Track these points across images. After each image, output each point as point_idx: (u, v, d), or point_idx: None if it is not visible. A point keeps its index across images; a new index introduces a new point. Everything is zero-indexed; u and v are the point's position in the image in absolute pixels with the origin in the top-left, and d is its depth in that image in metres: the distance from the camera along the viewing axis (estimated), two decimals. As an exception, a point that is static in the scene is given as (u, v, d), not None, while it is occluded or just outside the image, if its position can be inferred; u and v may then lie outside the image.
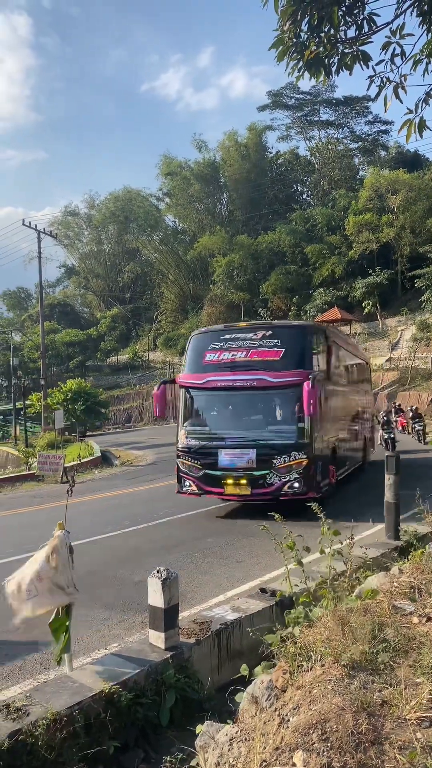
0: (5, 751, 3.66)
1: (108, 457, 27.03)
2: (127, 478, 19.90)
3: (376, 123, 62.77)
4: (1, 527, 12.82)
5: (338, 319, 44.47)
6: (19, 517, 13.75)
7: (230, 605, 6.14)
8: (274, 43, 5.83)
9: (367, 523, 9.69)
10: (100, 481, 19.70)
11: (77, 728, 4.03)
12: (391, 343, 42.78)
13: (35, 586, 4.55)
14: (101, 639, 5.91)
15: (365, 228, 46.71)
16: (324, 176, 61.84)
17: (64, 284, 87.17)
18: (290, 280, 51.95)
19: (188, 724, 4.47)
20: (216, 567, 8.30)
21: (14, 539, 10.30)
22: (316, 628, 3.80)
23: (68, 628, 4.67)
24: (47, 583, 4.57)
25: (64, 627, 4.63)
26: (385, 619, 3.80)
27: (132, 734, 4.43)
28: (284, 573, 5.64)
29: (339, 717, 2.66)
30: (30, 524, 12.22)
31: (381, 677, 3.05)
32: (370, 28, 5.87)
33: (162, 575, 5.01)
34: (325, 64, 5.97)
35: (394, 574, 5.17)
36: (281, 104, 64.32)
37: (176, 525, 11.30)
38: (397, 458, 8.89)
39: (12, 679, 5.12)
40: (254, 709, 3.21)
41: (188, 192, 65.29)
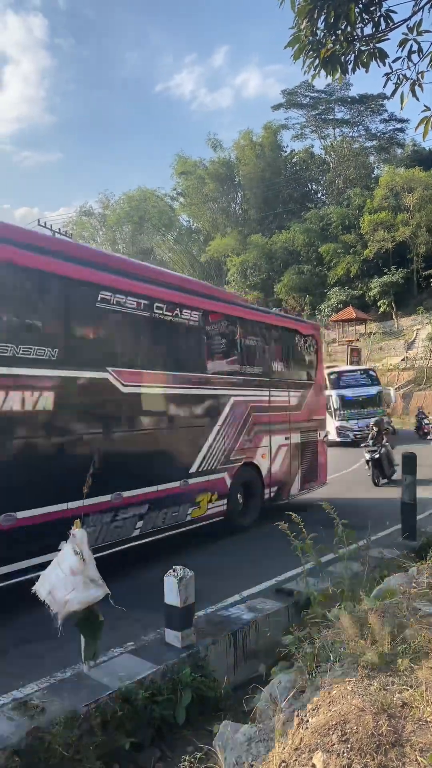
0: (23, 748, 3.68)
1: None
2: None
3: (391, 121, 62.30)
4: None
5: (353, 318, 44.29)
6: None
7: (246, 605, 6.13)
8: (291, 42, 5.81)
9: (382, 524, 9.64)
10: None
11: (94, 726, 4.05)
12: (407, 342, 42.49)
13: (71, 581, 4.59)
14: (117, 638, 5.92)
15: (380, 227, 46.43)
16: (339, 175, 61.51)
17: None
18: (304, 280, 51.76)
19: (204, 723, 4.48)
20: (231, 566, 8.29)
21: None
22: (334, 628, 3.78)
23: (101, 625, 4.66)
24: (81, 577, 4.61)
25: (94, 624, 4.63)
26: (404, 620, 3.77)
27: (148, 733, 4.44)
28: (300, 573, 5.62)
29: (359, 718, 2.64)
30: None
31: (401, 679, 3.03)
32: (387, 25, 5.83)
33: (178, 574, 5.02)
34: (341, 61, 5.94)
35: (413, 575, 5.14)
36: (296, 103, 64.05)
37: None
38: (413, 458, 8.83)
39: (29, 676, 5.14)
40: (272, 710, 3.20)
41: (202, 191, 65.28)
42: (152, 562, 8.66)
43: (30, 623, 6.35)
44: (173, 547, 9.52)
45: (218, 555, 8.88)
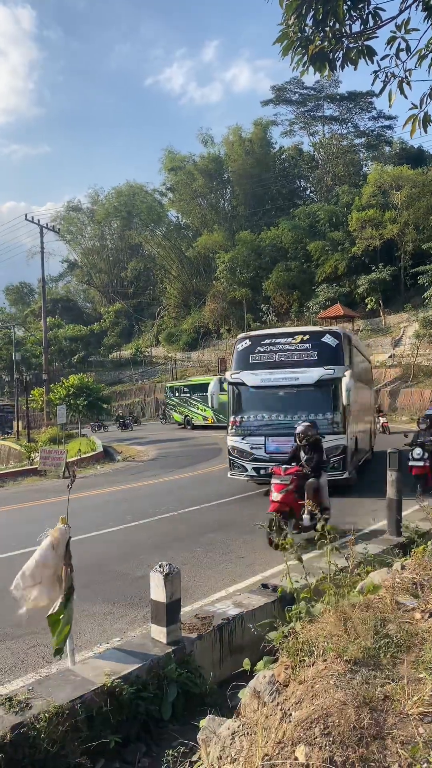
0: (8, 744, 3.68)
1: (110, 453, 27.07)
2: (129, 474, 19.93)
3: (380, 118, 62.52)
4: (4, 522, 12.85)
5: (341, 315, 44.41)
6: (21, 512, 13.79)
7: (232, 600, 6.16)
8: (279, 38, 5.80)
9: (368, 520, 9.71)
10: (102, 477, 19.73)
11: (79, 722, 4.05)
12: (394, 339, 42.70)
13: (40, 573, 4.63)
14: (103, 633, 5.93)
15: (368, 224, 46.56)
16: (327, 172, 61.61)
17: (66, 279, 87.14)
18: (293, 277, 51.82)
19: (190, 718, 4.49)
20: (218, 562, 8.32)
21: (17, 534, 10.33)
22: (318, 623, 3.80)
23: (68, 620, 4.68)
24: (51, 571, 4.64)
25: (60, 620, 4.64)
26: (388, 614, 3.81)
27: (134, 728, 4.45)
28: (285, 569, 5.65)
29: (341, 712, 2.66)
30: (32, 519, 12.24)
31: (383, 673, 3.05)
32: (375, 22, 5.84)
33: (164, 570, 5.02)
34: (329, 58, 5.95)
35: (397, 570, 5.18)
36: (285, 99, 64.05)
37: (178, 520, 11.32)
38: (399, 455, 8.90)
39: (14, 672, 5.14)
40: (256, 704, 3.22)
41: (191, 187, 65.14)
42: (137, 556, 8.68)
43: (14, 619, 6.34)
44: (159, 543, 9.54)
45: (204, 551, 8.90)
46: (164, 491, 15.36)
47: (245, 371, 13.85)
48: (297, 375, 13.17)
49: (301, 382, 13.13)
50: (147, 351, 65.23)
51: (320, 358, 13.25)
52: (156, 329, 67.77)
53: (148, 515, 11.74)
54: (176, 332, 62.46)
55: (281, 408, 13.48)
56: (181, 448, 26.92)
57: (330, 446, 12.05)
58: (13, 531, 11.10)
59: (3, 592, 7.14)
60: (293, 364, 13.46)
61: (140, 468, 21.32)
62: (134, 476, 19.05)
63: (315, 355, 13.33)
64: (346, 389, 12.45)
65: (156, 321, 68.79)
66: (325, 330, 14.22)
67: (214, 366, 48.54)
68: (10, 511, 14.00)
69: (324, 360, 13.14)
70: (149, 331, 69.17)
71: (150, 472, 19.54)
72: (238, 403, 14.07)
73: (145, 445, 28.96)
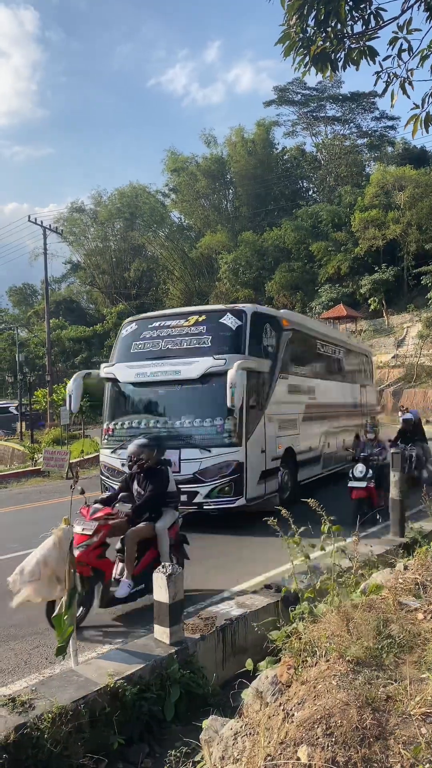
0: (11, 745, 3.68)
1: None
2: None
3: (382, 119, 62.54)
4: (7, 523, 12.87)
5: (344, 315, 44.39)
6: (24, 513, 13.80)
7: (235, 601, 6.15)
8: (281, 39, 5.81)
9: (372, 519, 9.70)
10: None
11: (82, 722, 4.05)
12: (397, 340, 42.67)
13: (40, 570, 4.67)
14: (107, 634, 5.94)
15: (371, 224, 46.53)
16: (330, 172, 61.61)
17: (69, 281, 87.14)
18: (295, 277, 51.80)
19: (193, 718, 4.49)
20: (221, 563, 8.31)
21: (20, 534, 10.34)
22: (321, 623, 3.80)
23: (71, 621, 4.69)
24: (50, 571, 4.68)
25: (64, 620, 4.65)
26: (390, 615, 3.80)
27: (137, 729, 4.45)
28: (288, 569, 5.65)
29: (343, 712, 2.66)
30: (35, 520, 12.25)
31: (386, 673, 3.05)
32: (377, 23, 5.84)
33: (167, 570, 5.03)
34: (331, 59, 5.95)
35: (399, 571, 5.17)
36: (287, 100, 64.09)
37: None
38: (402, 456, 8.89)
39: (17, 673, 5.15)
40: (259, 704, 3.22)
41: (194, 188, 65.18)
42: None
43: (17, 620, 6.35)
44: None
45: (207, 551, 8.90)
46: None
47: (121, 363, 11.17)
48: (179, 367, 10.09)
49: (182, 376, 10.05)
50: (150, 352, 65.18)
51: (214, 344, 10.27)
52: (159, 330, 67.69)
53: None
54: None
55: (161, 411, 10.55)
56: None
57: (217, 463, 9.74)
58: (16, 532, 11.11)
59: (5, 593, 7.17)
60: (181, 353, 10.43)
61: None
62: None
63: (209, 341, 10.39)
64: (231, 385, 9.28)
65: (159, 322, 68.72)
66: (227, 308, 11.08)
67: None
68: (14, 512, 14.02)
69: (218, 347, 10.20)
70: (152, 332, 69.12)
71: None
72: (111, 405, 11.29)
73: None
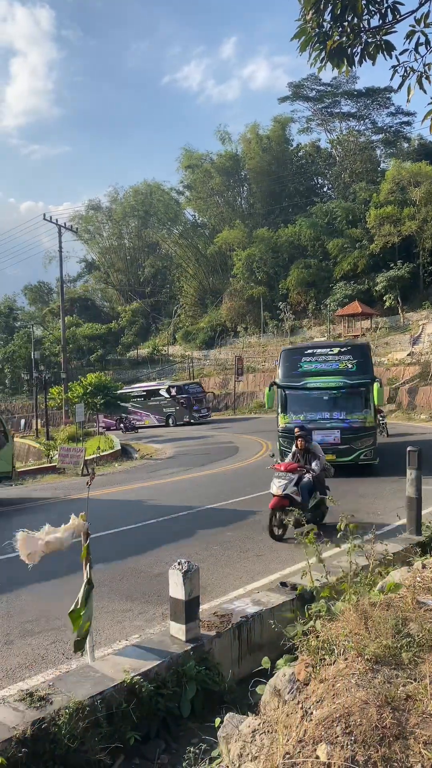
0: (29, 738, 3.71)
1: (128, 451, 27.17)
2: (146, 471, 19.99)
3: (398, 114, 61.87)
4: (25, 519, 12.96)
5: (359, 312, 44.15)
6: (40, 509, 13.89)
7: (251, 598, 6.15)
8: (297, 34, 5.77)
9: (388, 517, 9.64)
10: (120, 474, 19.82)
11: (99, 718, 4.07)
12: (413, 337, 42.32)
13: (42, 547, 4.79)
14: (122, 630, 5.96)
15: (387, 221, 46.19)
16: (345, 169, 61.18)
17: (84, 279, 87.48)
18: (311, 274, 51.57)
19: (209, 715, 4.49)
20: (236, 560, 8.31)
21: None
22: (339, 621, 3.78)
23: (88, 617, 4.71)
24: (47, 549, 4.80)
25: (81, 616, 4.67)
26: (409, 613, 3.77)
27: (153, 725, 4.46)
28: (304, 567, 5.63)
29: (363, 711, 2.65)
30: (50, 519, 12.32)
31: (405, 672, 3.03)
32: (394, 17, 5.78)
33: (183, 567, 5.03)
34: (347, 54, 5.89)
35: (417, 569, 5.13)
36: (302, 96, 63.69)
37: (196, 518, 11.33)
38: (419, 454, 8.81)
39: (35, 668, 5.18)
40: (277, 702, 3.21)
41: (208, 185, 65.11)
42: (156, 554, 8.70)
43: (34, 616, 6.40)
44: (177, 540, 9.56)
45: (223, 548, 8.90)
46: (182, 489, 15.39)
47: None
48: None
49: None
50: (164, 349, 65.29)
51: None
52: (173, 328, 67.82)
53: (166, 513, 11.77)
54: (193, 331, 62.45)
55: None
56: (198, 446, 26.94)
57: None
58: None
59: (21, 591, 7.23)
60: None
61: (158, 466, 21.37)
62: (152, 474, 19.10)
63: None
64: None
65: (173, 319, 68.85)
66: None
67: (231, 364, 48.48)
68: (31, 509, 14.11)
69: None
70: (166, 330, 69.23)
71: (168, 470, 19.58)
72: None
73: (162, 444, 29.04)
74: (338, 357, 16.51)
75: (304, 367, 16.68)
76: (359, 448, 15.38)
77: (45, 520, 5.45)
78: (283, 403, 16.43)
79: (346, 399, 15.97)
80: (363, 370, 16.05)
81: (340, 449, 15.30)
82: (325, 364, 16.54)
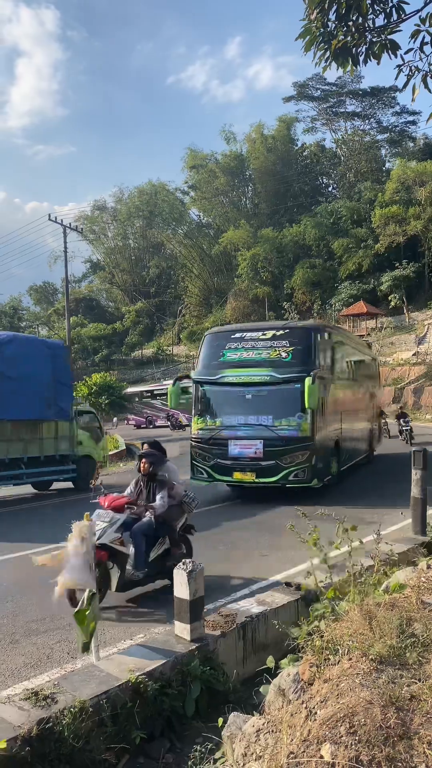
0: (34, 738, 3.72)
1: (133, 451, 27.17)
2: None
3: (403, 114, 61.78)
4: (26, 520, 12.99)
5: (364, 312, 44.10)
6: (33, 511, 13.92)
7: (255, 598, 6.15)
8: (302, 33, 5.76)
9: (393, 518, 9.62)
10: (124, 475, 19.81)
11: (104, 717, 4.07)
12: (418, 337, 42.24)
13: (71, 559, 4.81)
14: (127, 630, 5.96)
15: (392, 221, 46.12)
16: (350, 168, 61.12)
17: (89, 279, 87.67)
18: (315, 274, 51.55)
19: (213, 715, 4.50)
20: (240, 560, 8.31)
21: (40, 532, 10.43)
22: (343, 621, 3.78)
23: (93, 617, 4.72)
24: (81, 560, 4.79)
25: (86, 616, 4.68)
26: (413, 613, 3.77)
27: (158, 724, 4.47)
28: (308, 567, 5.63)
29: (367, 711, 2.65)
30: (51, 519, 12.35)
31: (409, 672, 3.03)
32: (399, 16, 5.77)
33: (187, 567, 5.04)
34: (352, 53, 5.89)
35: (422, 569, 5.13)
36: (307, 95, 63.67)
37: (200, 518, 11.31)
38: (424, 453, 8.80)
39: (40, 667, 5.19)
40: (281, 702, 3.21)
41: (213, 185, 65.13)
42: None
43: (40, 615, 6.41)
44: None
45: (227, 548, 8.90)
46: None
47: None
48: None
49: None
50: (169, 349, 65.39)
51: None
52: (177, 328, 67.89)
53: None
54: (198, 330, 62.42)
55: None
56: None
57: None
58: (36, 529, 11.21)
59: (27, 589, 7.24)
60: None
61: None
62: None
63: None
64: None
65: (177, 319, 68.92)
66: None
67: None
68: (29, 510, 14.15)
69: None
70: (171, 330, 69.32)
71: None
72: None
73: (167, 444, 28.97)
74: (270, 343, 12.43)
75: (226, 356, 12.75)
76: (287, 466, 11.68)
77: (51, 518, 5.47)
78: (197, 402, 12.93)
79: (274, 399, 12.03)
80: (301, 361, 12.06)
81: (262, 466, 11.78)
82: (252, 352, 12.48)
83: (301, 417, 11.75)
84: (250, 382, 12.13)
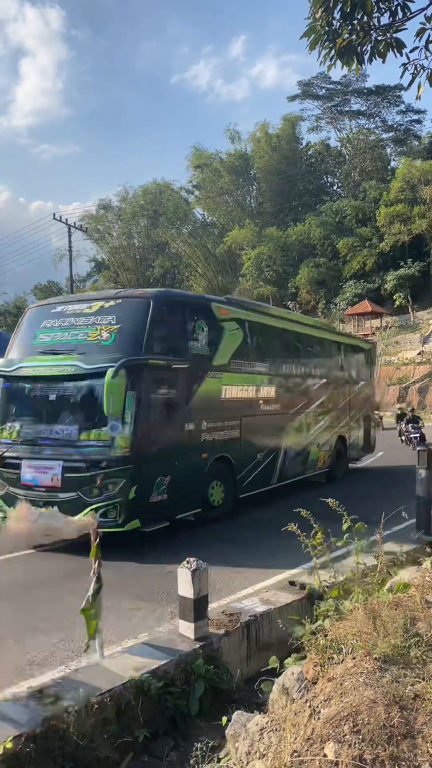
0: (39, 735, 3.73)
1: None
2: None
3: (408, 112, 61.74)
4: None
5: (369, 311, 44.05)
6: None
7: (259, 597, 6.15)
8: (306, 32, 5.78)
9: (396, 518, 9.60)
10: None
11: (108, 715, 4.09)
12: (423, 336, 42.17)
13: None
14: (131, 628, 5.97)
15: (397, 219, 46.07)
16: (354, 167, 61.06)
17: (94, 278, 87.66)
18: (320, 273, 51.53)
19: (217, 713, 4.50)
20: (245, 559, 8.31)
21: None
22: (347, 621, 3.79)
23: (96, 615, 4.73)
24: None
25: (90, 614, 4.69)
26: (418, 613, 3.77)
27: (162, 723, 4.47)
28: (313, 566, 5.63)
29: (371, 709, 2.65)
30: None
31: (413, 671, 3.02)
32: (404, 14, 5.78)
33: (192, 566, 5.04)
34: (357, 52, 5.90)
35: (427, 569, 5.12)
36: (311, 94, 63.65)
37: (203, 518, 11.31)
38: (429, 453, 8.78)
39: (44, 665, 5.20)
40: (284, 700, 3.22)
41: (218, 184, 65.17)
42: (164, 552, 8.71)
43: (44, 614, 6.43)
44: (185, 538, 9.56)
45: (232, 547, 8.90)
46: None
47: None
48: None
49: None
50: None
51: None
52: (182, 327, 67.86)
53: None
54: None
55: None
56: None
57: None
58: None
59: (30, 587, 7.26)
60: None
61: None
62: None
63: None
64: None
65: (182, 319, 68.89)
66: None
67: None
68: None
69: None
70: (175, 329, 69.31)
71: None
72: None
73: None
74: (94, 319, 8.70)
75: (38, 339, 9.13)
76: (93, 499, 7.97)
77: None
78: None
79: (82, 401, 8.32)
80: (124, 344, 8.27)
81: (61, 500, 8.03)
82: (68, 333, 8.79)
83: (116, 427, 7.92)
84: (48, 375, 8.43)
